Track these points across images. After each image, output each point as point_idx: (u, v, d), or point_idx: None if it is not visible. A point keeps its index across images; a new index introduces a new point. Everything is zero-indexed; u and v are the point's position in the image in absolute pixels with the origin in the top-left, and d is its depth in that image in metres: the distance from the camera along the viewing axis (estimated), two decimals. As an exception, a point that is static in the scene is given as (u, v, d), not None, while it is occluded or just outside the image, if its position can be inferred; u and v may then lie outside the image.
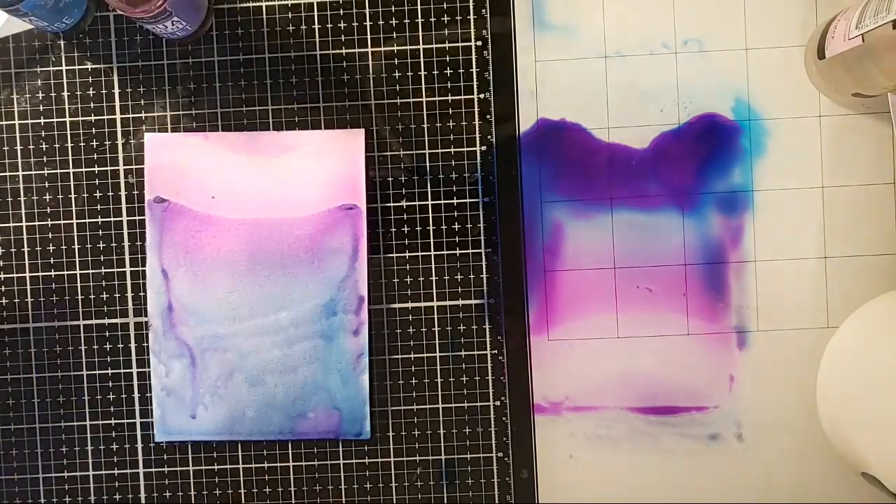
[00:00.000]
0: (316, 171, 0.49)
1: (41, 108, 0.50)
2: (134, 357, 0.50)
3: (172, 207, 0.49)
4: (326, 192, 0.49)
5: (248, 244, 0.49)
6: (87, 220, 0.50)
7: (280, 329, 0.49)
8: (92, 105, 0.50)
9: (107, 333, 0.50)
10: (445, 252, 0.49)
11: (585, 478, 0.50)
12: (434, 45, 0.49)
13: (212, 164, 0.49)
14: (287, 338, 0.49)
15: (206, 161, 0.49)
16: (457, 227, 0.49)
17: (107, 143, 0.50)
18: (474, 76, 0.49)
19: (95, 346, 0.50)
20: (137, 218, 0.50)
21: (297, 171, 0.49)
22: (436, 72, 0.49)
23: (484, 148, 0.49)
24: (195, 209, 0.49)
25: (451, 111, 0.49)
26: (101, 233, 0.50)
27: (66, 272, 0.50)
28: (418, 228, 0.50)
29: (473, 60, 0.49)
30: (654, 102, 0.49)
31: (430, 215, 0.50)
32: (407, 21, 0.49)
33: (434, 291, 0.50)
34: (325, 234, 0.49)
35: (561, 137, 0.49)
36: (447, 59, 0.49)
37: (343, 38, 0.49)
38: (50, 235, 0.50)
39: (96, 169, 0.50)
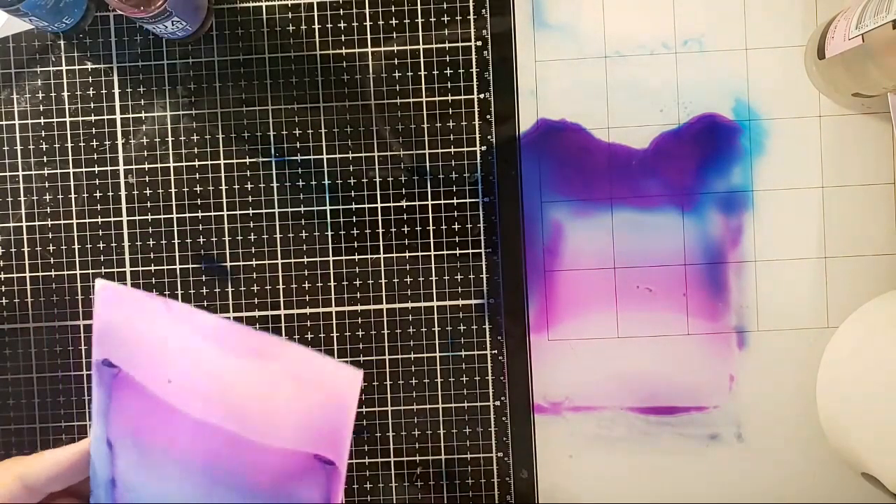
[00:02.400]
0: (296, 398, 0.38)
1: (41, 108, 0.50)
2: (134, 357, 0.50)
3: (123, 377, 0.39)
4: (303, 429, 0.38)
5: (206, 453, 0.38)
6: (87, 220, 0.50)
7: None
8: (92, 105, 0.50)
9: (107, 333, 0.50)
10: (445, 252, 0.49)
11: (585, 478, 0.50)
12: (434, 45, 0.49)
13: (172, 341, 0.38)
14: None
15: (164, 334, 0.38)
16: (457, 227, 0.49)
17: (107, 143, 0.50)
18: (474, 76, 0.49)
19: (95, 346, 0.50)
20: (138, 218, 0.50)
21: (272, 386, 0.38)
22: (436, 72, 0.49)
23: (484, 148, 0.49)
24: (148, 388, 0.39)
25: (451, 111, 0.49)
26: (101, 233, 0.50)
27: (66, 272, 0.50)
28: (418, 228, 0.50)
29: (473, 60, 0.49)
30: (654, 102, 0.49)
31: (430, 215, 0.50)
32: (407, 21, 0.49)
33: (434, 291, 0.50)
34: (294, 479, 0.38)
35: (561, 137, 0.49)
36: (447, 59, 0.49)
37: (343, 38, 0.49)
38: (50, 235, 0.50)
39: (96, 169, 0.50)
